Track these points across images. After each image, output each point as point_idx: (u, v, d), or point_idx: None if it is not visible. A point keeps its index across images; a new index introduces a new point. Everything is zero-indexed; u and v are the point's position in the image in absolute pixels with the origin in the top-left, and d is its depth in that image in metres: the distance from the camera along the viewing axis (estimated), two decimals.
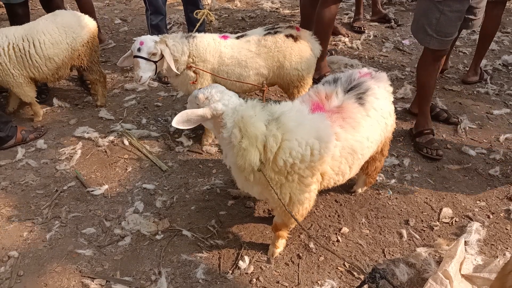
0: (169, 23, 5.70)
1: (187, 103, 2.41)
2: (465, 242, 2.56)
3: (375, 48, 5.12)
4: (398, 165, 3.29)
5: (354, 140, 2.24)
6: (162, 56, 3.03)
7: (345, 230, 2.74)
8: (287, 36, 3.26)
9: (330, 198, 2.98)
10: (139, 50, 3.00)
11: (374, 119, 2.34)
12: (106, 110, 3.95)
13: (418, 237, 2.70)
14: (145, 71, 3.04)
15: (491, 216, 2.85)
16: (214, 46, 3.18)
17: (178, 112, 3.89)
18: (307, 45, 3.32)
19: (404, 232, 2.72)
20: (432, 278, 2.27)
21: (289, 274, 2.47)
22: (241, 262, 2.50)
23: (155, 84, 4.39)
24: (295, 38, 3.27)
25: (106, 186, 3.09)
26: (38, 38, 3.46)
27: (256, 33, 3.31)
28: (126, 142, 3.53)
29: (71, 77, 4.44)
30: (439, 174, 3.21)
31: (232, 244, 2.65)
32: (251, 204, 2.92)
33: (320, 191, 2.69)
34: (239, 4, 6.48)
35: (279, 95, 4.20)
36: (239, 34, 3.34)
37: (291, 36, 3.26)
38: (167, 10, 4.80)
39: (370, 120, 2.31)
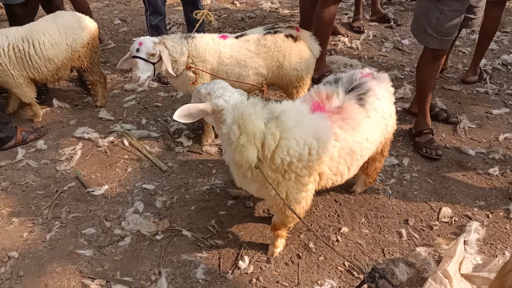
0: (168, 24, 5.70)
1: (192, 98, 2.42)
2: (464, 241, 2.56)
3: (375, 48, 5.12)
4: (398, 164, 3.29)
5: (353, 141, 2.24)
6: (161, 57, 3.04)
7: (344, 229, 2.74)
8: (287, 36, 3.25)
9: (330, 198, 2.99)
10: (138, 50, 3.00)
11: (374, 120, 2.34)
12: (106, 111, 3.95)
13: (417, 236, 2.70)
14: (143, 72, 3.04)
15: (490, 215, 2.85)
16: (213, 46, 3.18)
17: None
18: (307, 45, 3.32)
19: (403, 231, 2.73)
20: (431, 278, 2.28)
21: (289, 274, 2.47)
22: (241, 262, 2.51)
23: (155, 84, 4.40)
24: (295, 38, 3.27)
25: (106, 187, 3.09)
26: (38, 39, 3.46)
27: (255, 32, 3.31)
28: (126, 143, 3.53)
29: (71, 77, 4.45)
30: (439, 173, 3.21)
31: (232, 244, 2.66)
32: (251, 204, 2.92)
33: (319, 191, 2.69)
34: (239, 4, 6.49)
35: (279, 95, 4.20)
36: (238, 34, 3.34)
37: (291, 36, 3.26)
38: (167, 11, 4.81)
39: (370, 121, 2.31)
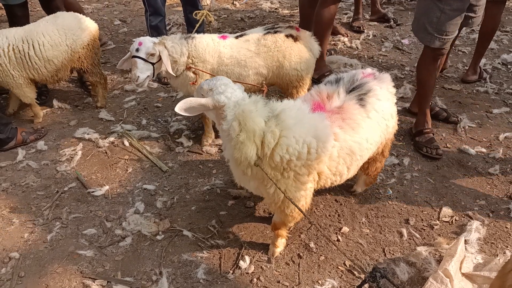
0: (168, 24, 5.70)
1: (194, 93, 2.43)
2: (465, 240, 2.56)
3: (375, 47, 5.12)
4: (398, 164, 3.29)
5: (353, 141, 2.24)
6: (161, 58, 3.04)
7: (345, 229, 2.74)
8: (287, 36, 3.25)
9: (330, 197, 2.99)
10: (138, 50, 3.01)
11: (375, 121, 2.34)
12: (106, 111, 3.95)
13: (418, 236, 2.70)
14: (142, 72, 3.03)
15: (491, 214, 2.85)
16: (213, 47, 3.18)
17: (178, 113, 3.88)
18: (307, 45, 3.32)
19: (404, 231, 2.73)
20: (432, 277, 2.28)
21: (289, 274, 2.48)
22: (241, 262, 2.51)
23: (155, 85, 4.40)
24: (295, 38, 3.27)
25: (106, 187, 3.09)
26: (38, 39, 3.46)
27: (255, 32, 3.31)
28: (127, 143, 3.53)
29: (71, 78, 4.45)
30: (439, 173, 3.21)
31: (232, 244, 2.66)
32: (252, 204, 2.92)
33: (320, 191, 2.69)
34: (238, 4, 6.49)
35: (279, 95, 4.20)
36: (238, 34, 3.34)
37: (291, 36, 3.26)
38: (167, 11, 4.81)
39: (370, 121, 2.31)
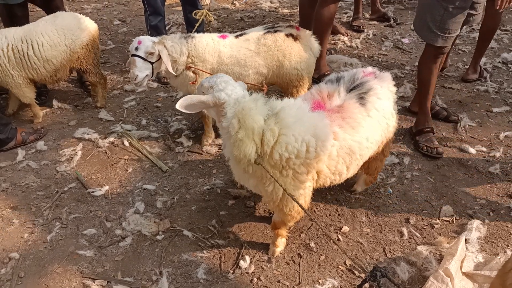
0: (168, 24, 5.69)
1: (195, 92, 2.43)
2: (465, 240, 2.56)
3: (375, 47, 5.11)
4: (398, 163, 3.29)
5: (352, 140, 2.24)
6: (160, 57, 3.03)
7: (345, 229, 2.74)
8: (287, 35, 3.25)
9: (331, 197, 2.99)
10: (137, 49, 3.00)
11: (375, 120, 2.34)
12: (106, 111, 3.95)
13: (418, 235, 2.70)
14: (141, 70, 3.03)
15: (492, 213, 2.85)
16: (213, 46, 3.17)
17: (178, 112, 3.89)
18: (307, 44, 3.31)
19: (404, 230, 2.73)
20: (433, 276, 2.27)
21: (290, 273, 2.47)
22: (242, 262, 2.50)
23: (155, 84, 4.39)
24: (295, 38, 3.26)
25: (106, 187, 3.09)
26: (37, 39, 3.46)
27: (255, 31, 3.31)
28: (126, 143, 3.53)
29: (71, 78, 4.44)
30: (439, 172, 3.21)
31: (232, 243, 2.66)
32: (252, 204, 2.92)
33: (320, 190, 2.69)
34: (238, 4, 6.48)
35: (279, 94, 4.19)
36: (238, 33, 3.33)
37: (291, 35, 3.25)
38: (166, 11, 4.81)
39: (370, 120, 2.31)
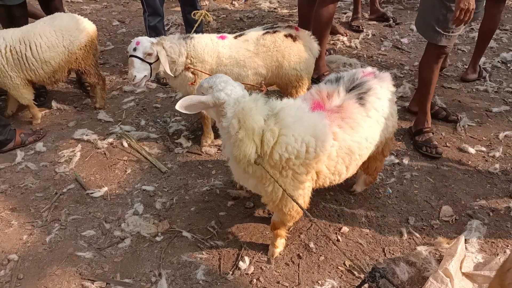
0: (167, 25, 5.69)
1: (195, 93, 2.43)
2: (465, 240, 2.55)
3: (374, 47, 5.11)
4: (398, 163, 3.28)
5: (352, 140, 2.23)
6: (158, 58, 3.03)
7: (345, 229, 2.73)
8: (286, 35, 3.24)
9: (330, 197, 2.98)
10: (135, 49, 3.00)
11: (375, 120, 2.33)
12: (105, 112, 3.94)
13: (418, 235, 2.70)
14: (139, 71, 3.02)
15: (491, 213, 2.84)
16: (212, 47, 3.17)
17: (177, 113, 3.89)
18: (306, 45, 3.31)
19: (404, 230, 2.72)
20: (432, 277, 2.27)
21: (289, 274, 2.47)
22: (241, 263, 2.50)
23: (154, 85, 4.39)
24: (294, 38, 3.26)
25: (105, 188, 3.09)
26: (35, 40, 3.45)
27: (254, 32, 3.30)
28: (125, 144, 3.52)
29: (70, 79, 4.44)
30: (439, 172, 3.20)
31: (232, 244, 2.65)
32: (251, 204, 2.92)
33: (319, 190, 2.69)
34: (237, 4, 6.48)
35: (279, 95, 4.19)
36: (237, 34, 3.33)
37: (290, 35, 3.25)
38: (165, 12, 4.81)
39: (370, 120, 2.30)
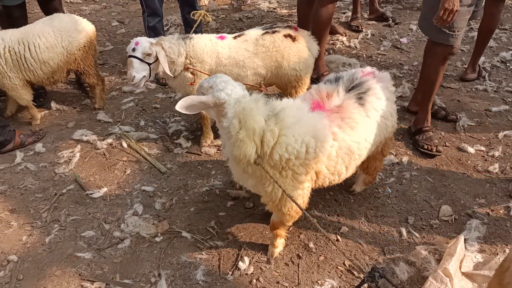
0: (166, 25, 5.69)
1: (194, 92, 2.42)
2: (464, 239, 2.56)
3: (373, 46, 5.11)
4: (397, 163, 3.28)
5: (351, 140, 2.23)
6: (157, 58, 3.03)
7: (344, 229, 2.73)
8: (286, 36, 3.24)
9: (330, 197, 2.98)
10: (134, 50, 3.00)
11: (374, 120, 2.33)
12: (104, 113, 3.94)
13: (417, 235, 2.70)
14: (138, 71, 3.02)
15: (491, 213, 2.85)
16: (211, 47, 3.17)
17: (176, 113, 3.89)
18: (305, 45, 3.31)
19: (403, 230, 2.72)
20: (432, 276, 2.27)
21: (289, 274, 2.47)
22: (241, 263, 2.50)
23: (153, 86, 4.39)
24: (293, 38, 3.26)
25: (105, 189, 3.09)
26: (33, 41, 3.45)
27: (253, 32, 3.30)
28: (125, 145, 3.52)
29: (69, 80, 4.44)
30: (438, 172, 3.20)
31: (231, 245, 2.65)
32: (251, 205, 2.92)
33: (319, 190, 2.69)
34: (236, 4, 6.47)
35: (278, 95, 4.19)
36: (237, 34, 3.33)
37: (290, 36, 3.25)
38: (164, 12, 4.81)
39: (369, 120, 2.31)
